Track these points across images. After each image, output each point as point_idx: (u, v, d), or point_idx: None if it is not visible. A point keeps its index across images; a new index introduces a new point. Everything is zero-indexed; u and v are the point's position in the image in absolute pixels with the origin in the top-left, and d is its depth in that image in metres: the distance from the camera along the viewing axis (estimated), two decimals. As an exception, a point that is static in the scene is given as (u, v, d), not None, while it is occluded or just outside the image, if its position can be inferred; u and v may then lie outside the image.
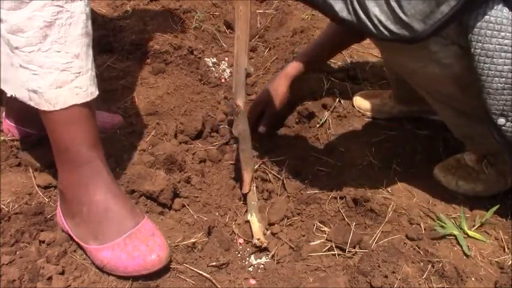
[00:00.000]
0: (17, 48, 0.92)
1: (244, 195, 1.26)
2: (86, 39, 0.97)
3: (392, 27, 0.94)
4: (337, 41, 1.48)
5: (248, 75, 1.20)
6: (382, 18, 0.94)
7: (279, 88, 1.48)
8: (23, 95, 0.97)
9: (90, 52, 0.99)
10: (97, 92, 1.02)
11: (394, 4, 0.92)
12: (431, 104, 1.21)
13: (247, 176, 1.23)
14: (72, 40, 0.95)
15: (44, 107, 0.96)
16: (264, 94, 1.50)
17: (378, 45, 1.23)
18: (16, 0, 0.88)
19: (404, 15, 0.92)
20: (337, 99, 1.61)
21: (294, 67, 1.49)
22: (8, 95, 0.99)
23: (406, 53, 1.07)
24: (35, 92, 0.95)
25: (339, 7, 0.98)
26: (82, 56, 0.97)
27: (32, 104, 0.97)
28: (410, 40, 0.96)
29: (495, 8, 0.91)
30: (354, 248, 1.10)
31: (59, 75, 0.94)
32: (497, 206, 1.16)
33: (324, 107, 1.59)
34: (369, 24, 0.96)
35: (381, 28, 0.96)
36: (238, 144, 1.26)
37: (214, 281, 1.03)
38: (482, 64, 0.95)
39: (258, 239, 1.14)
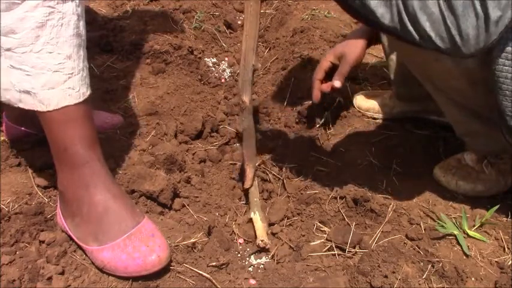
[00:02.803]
0: (8, 49, 0.92)
1: (246, 192, 1.26)
2: (77, 40, 0.97)
3: (439, 43, 0.92)
4: None
5: (254, 71, 1.20)
6: (432, 34, 0.91)
7: (357, 47, 1.35)
8: (10, 98, 0.97)
9: (81, 53, 0.99)
10: (89, 92, 1.01)
11: (451, 25, 0.89)
12: (436, 99, 1.21)
13: (249, 172, 1.23)
14: (64, 41, 0.94)
15: (38, 107, 0.96)
16: (339, 48, 1.36)
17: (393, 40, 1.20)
18: (7, 1, 0.88)
19: (460, 38, 0.89)
20: (337, 99, 1.60)
21: (368, 29, 1.37)
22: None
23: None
24: (27, 93, 0.95)
25: (381, 12, 0.94)
26: (74, 57, 0.97)
27: (21, 105, 0.97)
28: (448, 54, 0.95)
29: None
30: (354, 248, 1.10)
31: (52, 76, 0.94)
32: (497, 206, 1.16)
33: (324, 107, 1.59)
34: (414, 34, 0.93)
35: (426, 40, 0.93)
36: (242, 140, 1.26)
37: (214, 281, 1.03)
38: (501, 66, 0.95)
39: (262, 241, 1.13)
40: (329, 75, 1.38)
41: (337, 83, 1.32)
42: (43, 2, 0.89)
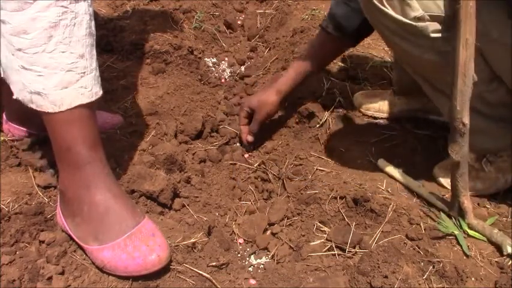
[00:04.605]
0: (19, 50, 0.92)
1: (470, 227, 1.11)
2: (89, 39, 0.98)
3: None
4: (329, 52, 1.48)
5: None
6: None
7: (269, 102, 1.45)
8: (24, 98, 0.97)
9: (94, 52, 1.00)
10: (101, 92, 1.02)
11: None
12: (427, 92, 1.22)
13: (469, 203, 1.11)
14: (77, 40, 0.95)
15: (48, 108, 0.96)
16: (253, 102, 1.47)
17: (382, 31, 1.19)
18: (19, 1, 0.88)
19: None
20: (337, 99, 1.61)
21: (286, 83, 1.46)
22: (14, 97, 0.99)
23: (408, 40, 1.08)
24: (38, 93, 0.95)
25: None
26: (86, 56, 0.97)
27: (33, 106, 0.97)
28: None
29: None
30: (354, 248, 1.10)
31: (64, 76, 0.95)
32: (495, 217, 1.16)
33: (324, 107, 1.59)
34: None
35: None
36: (455, 170, 1.10)
37: (214, 281, 1.03)
38: None
39: None
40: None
41: (249, 138, 1.48)
42: (56, 2, 0.90)
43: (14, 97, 0.99)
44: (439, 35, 1.04)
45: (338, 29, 1.38)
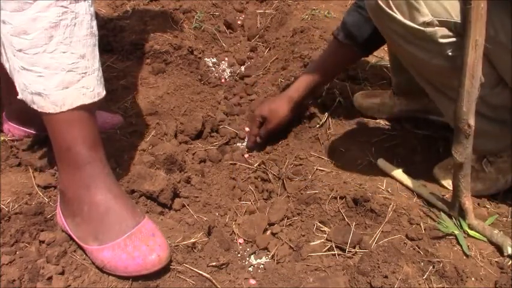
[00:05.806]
0: (20, 50, 0.92)
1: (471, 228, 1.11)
2: (91, 40, 0.98)
3: None
4: (339, 60, 1.47)
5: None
6: None
7: (280, 111, 1.46)
8: (25, 98, 0.97)
9: (96, 52, 1.00)
10: (104, 93, 1.02)
11: None
12: (430, 94, 1.22)
13: (470, 204, 1.12)
14: (78, 40, 0.95)
15: (50, 109, 0.96)
16: (264, 111, 1.48)
17: (390, 35, 1.19)
18: (19, 1, 0.88)
19: None
20: (337, 99, 1.61)
21: (297, 90, 1.47)
22: (18, 97, 0.99)
23: (416, 44, 1.08)
24: (39, 94, 0.94)
25: None
26: (88, 56, 0.97)
27: (35, 107, 0.97)
28: None
29: None
30: (354, 248, 1.10)
31: (65, 76, 0.94)
32: (495, 216, 1.16)
33: (324, 107, 1.59)
34: None
35: None
36: (457, 170, 1.10)
37: (214, 281, 1.03)
38: None
39: None
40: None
41: (258, 139, 1.51)
42: (56, 2, 0.90)
43: (18, 97, 0.99)
44: (448, 40, 1.04)
45: (349, 38, 1.37)
